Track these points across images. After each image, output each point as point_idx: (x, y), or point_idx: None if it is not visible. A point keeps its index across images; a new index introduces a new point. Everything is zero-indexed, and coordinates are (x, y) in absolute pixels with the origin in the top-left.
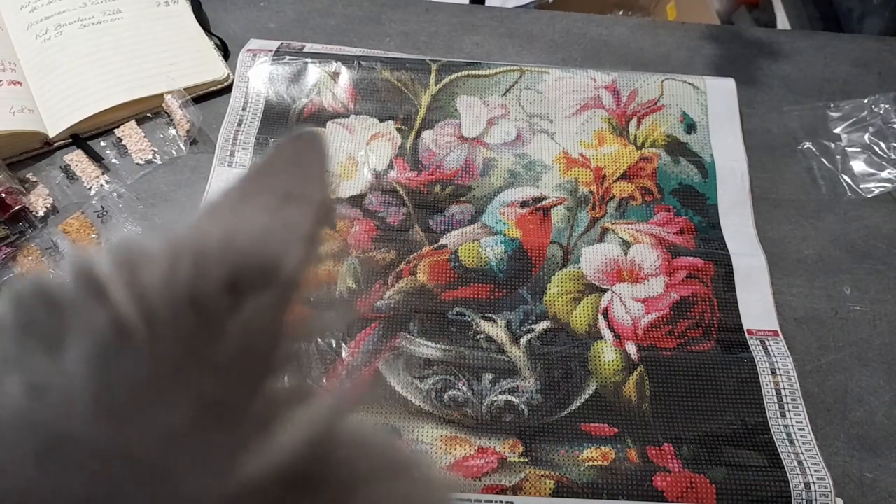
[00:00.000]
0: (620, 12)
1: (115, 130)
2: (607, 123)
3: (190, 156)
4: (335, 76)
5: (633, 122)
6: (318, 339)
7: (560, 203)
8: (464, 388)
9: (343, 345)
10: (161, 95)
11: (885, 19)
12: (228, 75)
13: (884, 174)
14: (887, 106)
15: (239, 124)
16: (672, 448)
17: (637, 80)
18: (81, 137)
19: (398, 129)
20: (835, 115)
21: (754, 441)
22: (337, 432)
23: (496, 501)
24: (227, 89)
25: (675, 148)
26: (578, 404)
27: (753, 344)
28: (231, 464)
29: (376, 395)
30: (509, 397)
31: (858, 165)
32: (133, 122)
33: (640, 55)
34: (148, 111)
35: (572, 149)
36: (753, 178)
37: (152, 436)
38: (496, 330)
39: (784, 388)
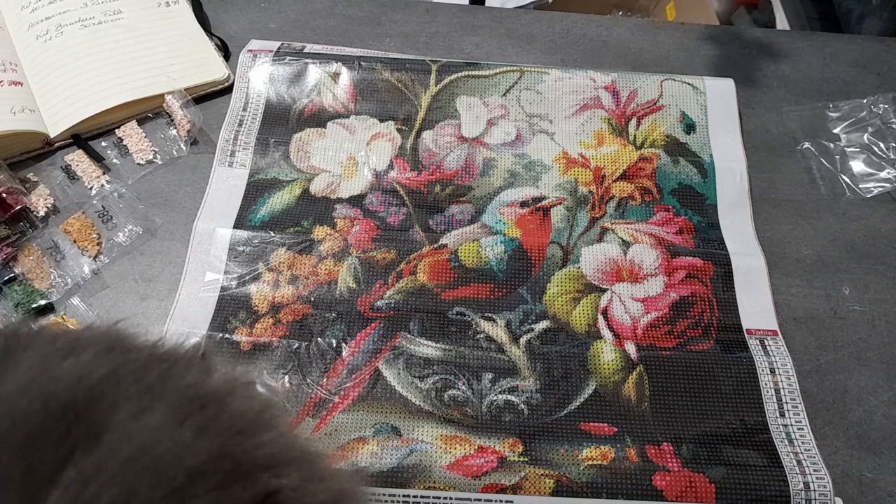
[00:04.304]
0: (620, 13)
1: (116, 131)
2: (607, 123)
3: (190, 156)
4: (335, 76)
5: (633, 122)
6: (319, 339)
7: (560, 203)
8: (464, 387)
9: (343, 344)
10: (162, 96)
11: (884, 20)
12: (229, 76)
13: (883, 174)
14: (886, 106)
15: (239, 125)
16: (671, 447)
17: (636, 80)
18: (82, 137)
19: (398, 130)
20: (834, 115)
21: (753, 440)
22: None
23: (496, 500)
24: (228, 90)
25: (675, 148)
26: (578, 404)
27: (753, 343)
28: None
29: (376, 394)
30: (509, 397)
31: (857, 165)
32: (134, 123)
33: (639, 56)
34: (149, 111)
35: (572, 149)
36: (753, 178)
37: None
38: (496, 329)
39: (783, 388)
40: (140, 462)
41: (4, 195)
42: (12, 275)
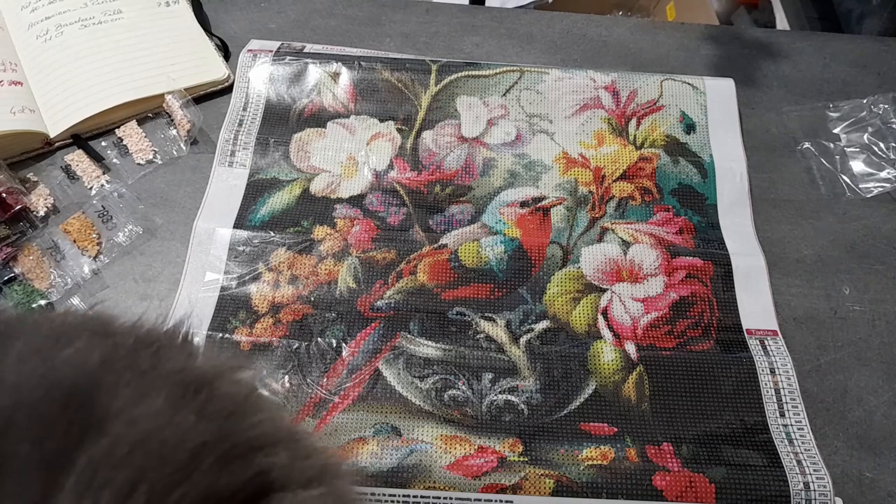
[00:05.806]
0: (620, 13)
1: (116, 130)
2: (607, 123)
3: (190, 156)
4: (335, 76)
5: (633, 122)
6: (319, 339)
7: (560, 203)
8: (464, 387)
9: (343, 344)
10: (162, 95)
11: (884, 20)
12: (229, 75)
13: (883, 174)
14: (886, 106)
15: (239, 124)
16: (671, 447)
17: (636, 80)
18: (82, 137)
19: (398, 130)
20: (834, 115)
21: (753, 440)
22: None
23: (496, 500)
24: (228, 90)
25: (675, 148)
26: (578, 404)
27: (753, 343)
28: None
29: (377, 394)
30: (509, 397)
31: (857, 165)
32: (134, 123)
33: (639, 55)
34: (149, 111)
35: (572, 149)
36: (753, 178)
37: None
38: (496, 329)
39: (783, 388)
40: (146, 445)
41: (4, 195)
42: (12, 275)
